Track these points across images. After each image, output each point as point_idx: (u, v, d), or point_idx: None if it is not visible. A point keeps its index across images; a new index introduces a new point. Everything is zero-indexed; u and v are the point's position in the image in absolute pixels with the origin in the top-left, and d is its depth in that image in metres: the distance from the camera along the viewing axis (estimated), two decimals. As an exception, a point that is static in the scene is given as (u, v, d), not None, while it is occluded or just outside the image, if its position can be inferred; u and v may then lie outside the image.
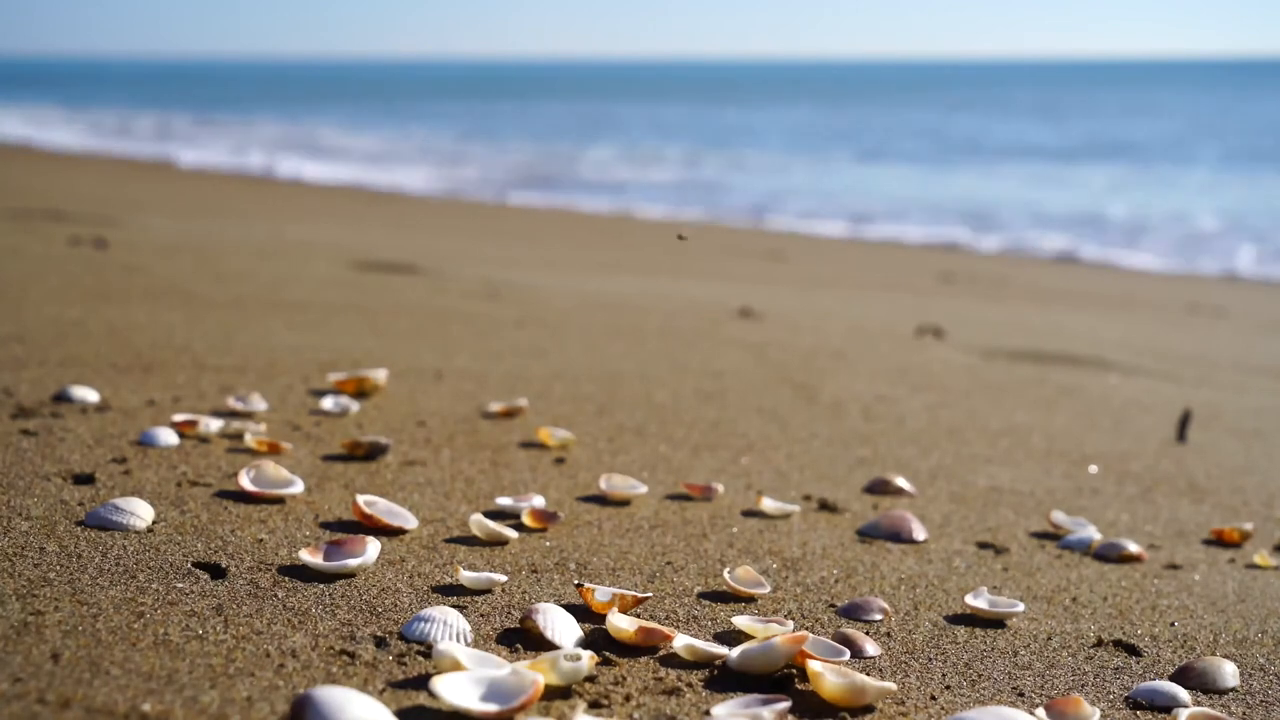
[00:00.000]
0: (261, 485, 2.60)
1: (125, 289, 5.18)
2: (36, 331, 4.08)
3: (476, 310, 5.56)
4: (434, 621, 1.97)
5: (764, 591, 2.32)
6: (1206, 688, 2.08)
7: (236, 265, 6.38)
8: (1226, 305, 9.17)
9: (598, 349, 4.80)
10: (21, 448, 2.77)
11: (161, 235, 7.70)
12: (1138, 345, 6.45)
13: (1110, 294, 9.67)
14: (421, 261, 7.46)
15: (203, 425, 3.01)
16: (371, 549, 2.25)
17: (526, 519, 2.60)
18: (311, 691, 1.61)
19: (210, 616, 1.95)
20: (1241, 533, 2.99)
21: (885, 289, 8.69)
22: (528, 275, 7.31)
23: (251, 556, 2.25)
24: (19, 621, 1.84)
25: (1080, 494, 3.32)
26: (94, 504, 2.43)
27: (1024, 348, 5.88)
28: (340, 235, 9.15)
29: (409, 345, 4.53)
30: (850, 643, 2.09)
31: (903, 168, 22.86)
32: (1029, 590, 2.51)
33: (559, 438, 3.28)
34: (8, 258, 5.85)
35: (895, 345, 5.60)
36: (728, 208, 16.67)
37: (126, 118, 35.00)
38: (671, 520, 2.75)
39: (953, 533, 2.86)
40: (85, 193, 11.28)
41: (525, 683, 1.73)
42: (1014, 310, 7.91)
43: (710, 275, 8.57)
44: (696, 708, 1.81)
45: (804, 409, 4.03)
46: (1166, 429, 4.22)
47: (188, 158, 20.94)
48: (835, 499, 3.03)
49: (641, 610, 2.19)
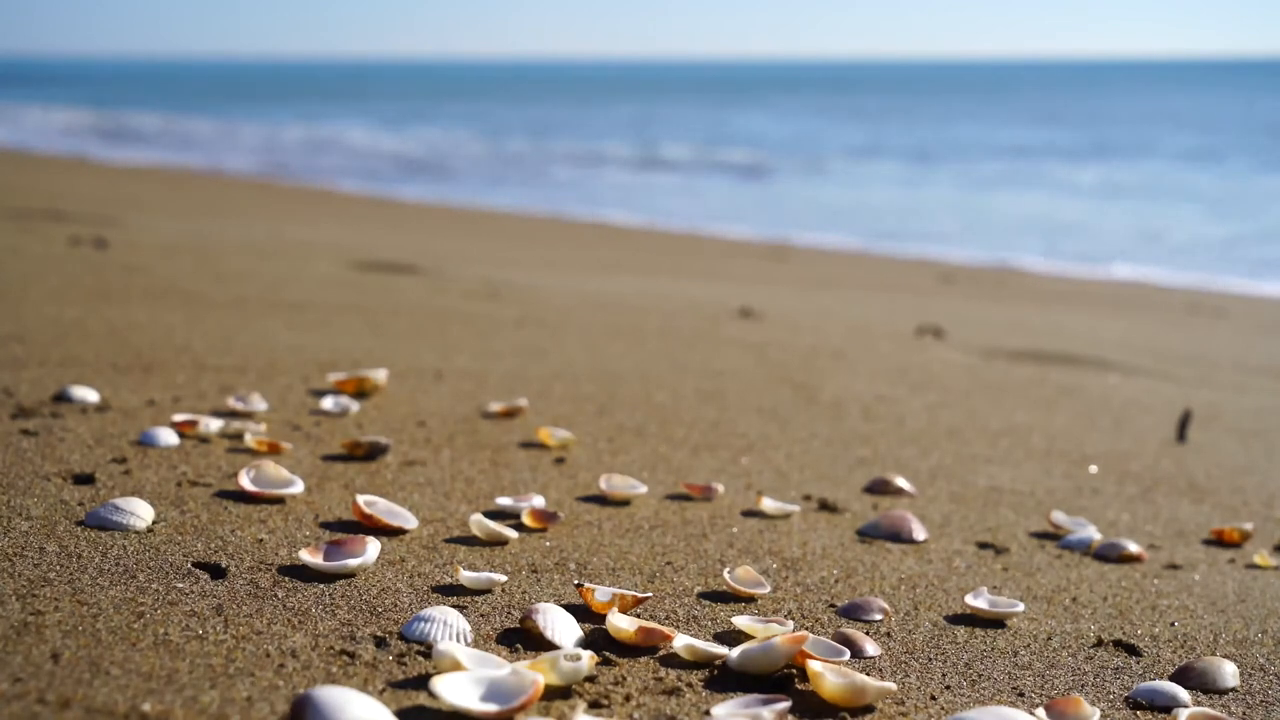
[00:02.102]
0: (261, 485, 2.60)
1: (125, 289, 5.18)
2: (36, 331, 4.08)
3: (476, 310, 5.56)
4: (434, 621, 1.97)
5: (764, 591, 2.32)
6: (1206, 688, 2.08)
7: (236, 265, 6.38)
8: (1226, 305, 9.17)
9: (598, 349, 4.80)
10: (21, 448, 2.77)
11: (161, 235, 7.70)
12: (1138, 345, 6.45)
13: (1110, 294, 9.66)
14: (421, 261, 7.47)
15: (203, 425, 3.01)
16: (371, 549, 2.25)
17: (526, 519, 2.60)
18: (311, 691, 1.61)
19: (210, 616, 1.95)
20: (1241, 533, 2.99)
21: (885, 289, 8.69)
22: (528, 275, 7.31)
23: (251, 556, 2.25)
24: (19, 621, 1.84)
25: (1080, 494, 3.32)
26: (94, 504, 2.43)
27: (1024, 348, 5.88)
28: (340, 235, 9.15)
29: (409, 345, 4.53)
30: (850, 643, 2.09)
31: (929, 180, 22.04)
32: (1029, 590, 2.51)
33: (559, 438, 3.28)
34: (8, 258, 5.85)
35: (895, 345, 5.60)
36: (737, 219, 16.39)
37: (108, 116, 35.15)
38: (671, 520, 2.75)
39: (953, 533, 2.86)
40: (85, 193, 11.28)
41: (525, 683, 1.73)
42: (1014, 310, 7.91)
43: (710, 275, 8.57)
44: (696, 708, 1.81)
45: (804, 409, 4.03)
46: (1166, 429, 4.22)
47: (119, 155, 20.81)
48: (835, 499, 3.03)
49: (641, 610, 2.19)
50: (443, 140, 29.70)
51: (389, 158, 24.32)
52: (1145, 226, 15.48)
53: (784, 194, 18.96)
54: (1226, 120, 38.93)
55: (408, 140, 29.31)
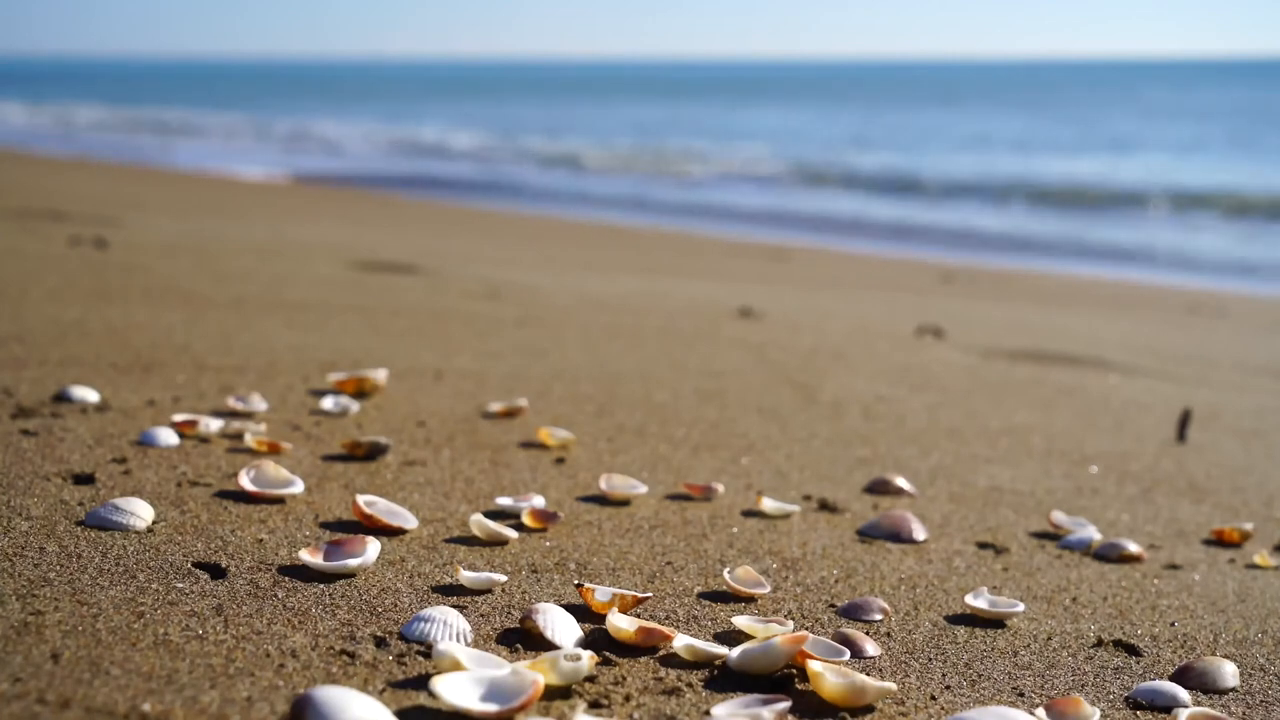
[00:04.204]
0: (261, 485, 2.60)
1: (125, 289, 5.18)
2: (36, 331, 4.08)
3: (476, 310, 5.56)
4: (434, 621, 1.97)
5: (764, 591, 2.32)
6: (1206, 688, 2.08)
7: (236, 265, 6.38)
8: (1226, 305, 9.17)
9: (598, 349, 4.80)
10: (21, 448, 2.77)
11: (161, 235, 7.70)
12: (1138, 345, 6.45)
13: (1110, 294, 9.66)
14: (421, 261, 7.46)
15: (203, 425, 3.01)
16: (371, 549, 2.25)
17: (526, 519, 2.60)
18: (311, 691, 1.61)
19: (210, 616, 1.95)
20: (1241, 533, 2.99)
21: (885, 289, 8.69)
22: (528, 275, 7.31)
23: (251, 556, 2.25)
24: (19, 621, 1.84)
25: (1080, 494, 3.32)
26: (94, 504, 2.43)
27: (1024, 348, 5.88)
28: (340, 235, 9.15)
29: (409, 345, 4.53)
30: (850, 643, 2.09)
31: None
32: (1029, 590, 2.51)
33: (559, 438, 3.28)
34: (8, 258, 5.85)
35: (895, 345, 5.60)
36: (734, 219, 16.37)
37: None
38: (671, 520, 2.75)
39: (953, 533, 2.86)
40: (85, 193, 11.28)
41: (525, 683, 1.73)
42: (1014, 310, 7.91)
43: (710, 275, 8.57)
44: (696, 708, 1.81)
45: (804, 409, 4.03)
46: (1166, 429, 4.22)
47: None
48: (835, 499, 3.03)
49: (641, 610, 2.19)
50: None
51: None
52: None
53: (786, 196, 18.95)
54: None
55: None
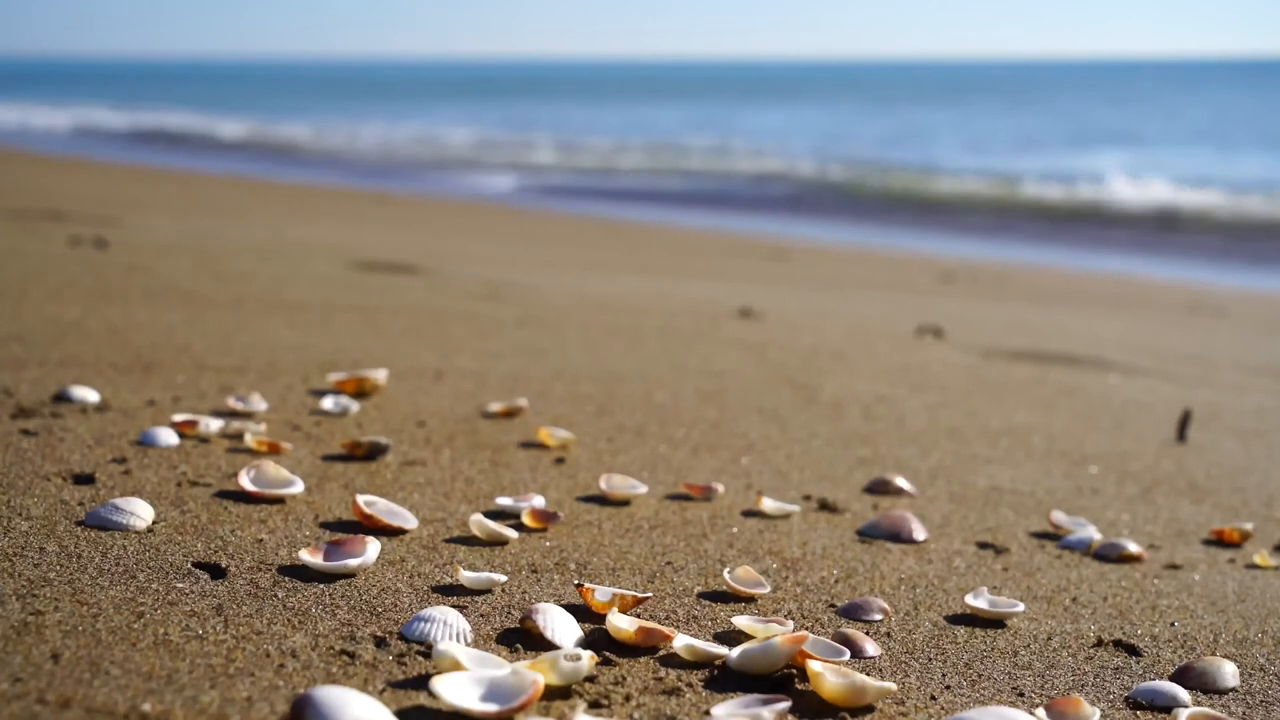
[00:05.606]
0: (261, 485, 2.60)
1: (125, 289, 5.18)
2: (36, 331, 4.08)
3: (476, 310, 5.56)
4: (434, 621, 1.97)
5: (764, 591, 2.32)
6: (1206, 688, 2.08)
7: (236, 265, 6.38)
8: (1226, 305, 9.17)
9: (597, 349, 4.80)
10: (21, 448, 2.77)
11: (161, 235, 7.70)
12: (1138, 345, 6.45)
13: (1110, 294, 9.66)
14: (421, 261, 7.46)
15: (203, 425, 3.01)
16: (371, 549, 2.25)
17: (526, 519, 2.60)
18: (311, 691, 1.61)
19: (210, 616, 1.95)
20: (1241, 533, 2.99)
21: (885, 289, 8.69)
22: (528, 275, 7.31)
23: (251, 556, 2.25)
24: (19, 621, 1.84)
25: (1080, 494, 3.32)
26: (94, 504, 2.43)
27: (1024, 348, 5.88)
28: (340, 235, 9.15)
29: (409, 345, 4.53)
30: (850, 643, 2.09)
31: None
32: (1029, 590, 2.51)
33: (559, 438, 3.28)
34: (8, 258, 5.85)
35: (895, 345, 5.60)
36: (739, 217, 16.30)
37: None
38: (671, 520, 2.75)
39: (953, 533, 2.86)
40: (85, 193, 11.28)
41: (525, 683, 1.73)
42: (1014, 310, 7.91)
43: (710, 275, 8.57)
44: (696, 708, 1.81)
45: (804, 409, 4.03)
46: (1166, 429, 4.22)
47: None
48: (835, 499, 3.03)
49: (641, 610, 2.19)
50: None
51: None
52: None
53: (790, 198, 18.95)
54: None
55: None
